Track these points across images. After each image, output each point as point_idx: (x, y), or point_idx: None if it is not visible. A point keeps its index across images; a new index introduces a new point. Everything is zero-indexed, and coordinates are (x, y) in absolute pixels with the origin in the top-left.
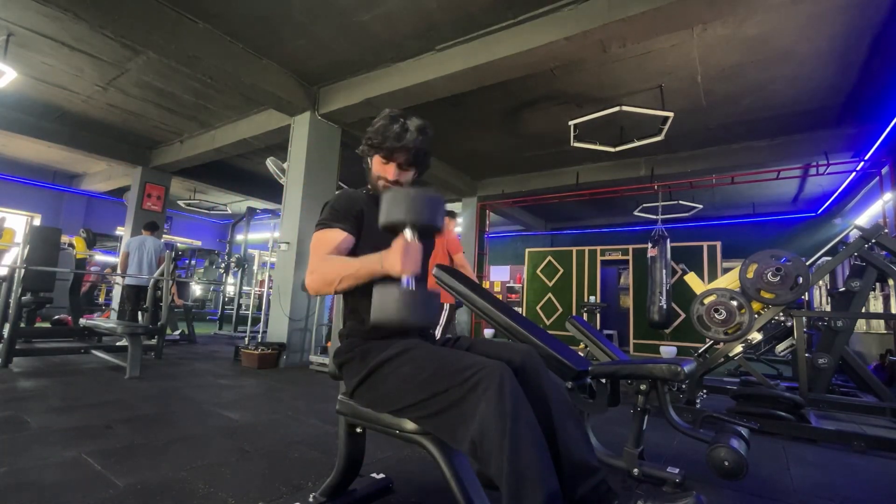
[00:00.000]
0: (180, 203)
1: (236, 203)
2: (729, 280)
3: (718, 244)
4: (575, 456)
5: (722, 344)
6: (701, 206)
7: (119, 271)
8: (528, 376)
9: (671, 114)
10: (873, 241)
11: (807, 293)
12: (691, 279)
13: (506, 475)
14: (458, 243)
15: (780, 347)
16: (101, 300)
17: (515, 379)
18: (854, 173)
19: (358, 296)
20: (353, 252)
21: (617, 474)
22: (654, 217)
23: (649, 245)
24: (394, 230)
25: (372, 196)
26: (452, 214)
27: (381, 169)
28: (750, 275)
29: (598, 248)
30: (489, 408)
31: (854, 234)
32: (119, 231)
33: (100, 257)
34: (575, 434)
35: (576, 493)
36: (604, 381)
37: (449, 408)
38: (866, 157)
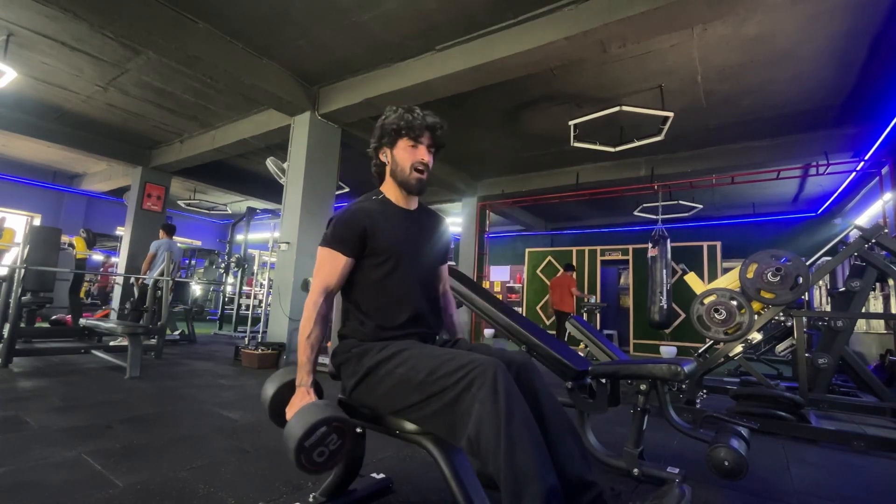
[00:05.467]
0: (180, 203)
1: (236, 203)
2: (729, 280)
3: (718, 244)
4: (570, 472)
5: (722, 344)
6: (701, 206)
7: (144, 270)
8: (524, 386)
9: (671, 114)
10: (873, 241)
11: (807, 293)
12: (691, 279)
13: (504, 473)
14: (574, 283)
15: (780, 347)
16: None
17: (509, 375)
18: (854, 173)
19: (357, 296)
20: (359, 263)
21: (617, 474)
22: (655, 217)
23: (650, 245)
24: None
25: (382, 201)
26: (571, 267)
27: (411, 154)
28: (750, 275)
29: (598, 248)
30: (483, 407)
31: (854, 234)
32: (119, 231)
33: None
34: (572, 449)
35: None
36: (604, 381)
37: (444, 409)
38: (866, 157)
